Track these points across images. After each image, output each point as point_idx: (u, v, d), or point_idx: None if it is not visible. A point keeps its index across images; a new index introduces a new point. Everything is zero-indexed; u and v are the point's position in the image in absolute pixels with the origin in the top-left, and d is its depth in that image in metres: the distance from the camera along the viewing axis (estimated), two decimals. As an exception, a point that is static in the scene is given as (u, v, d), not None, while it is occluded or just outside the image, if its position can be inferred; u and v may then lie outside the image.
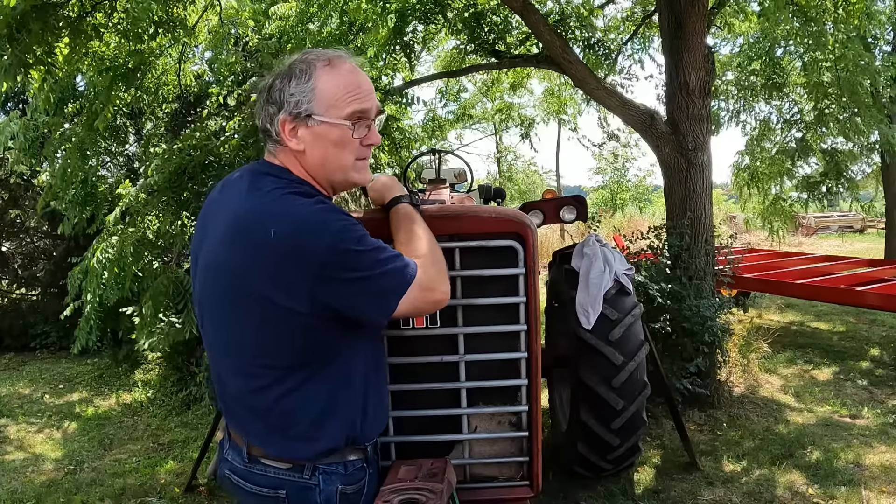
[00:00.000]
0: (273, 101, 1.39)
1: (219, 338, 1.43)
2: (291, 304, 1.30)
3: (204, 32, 5.66)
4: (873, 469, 3.61)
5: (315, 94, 1.37)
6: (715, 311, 4.28)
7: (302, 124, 1.38)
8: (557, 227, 13.59)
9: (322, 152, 1.40)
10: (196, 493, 3.70)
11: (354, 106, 1.39)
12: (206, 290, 1.42)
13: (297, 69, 1.39)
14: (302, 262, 1.28)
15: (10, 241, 8.01)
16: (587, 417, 3.05)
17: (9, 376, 6.50)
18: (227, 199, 1.42)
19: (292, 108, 1.37)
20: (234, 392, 1.44)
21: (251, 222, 1.32)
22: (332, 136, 1.39)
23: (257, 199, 1.35)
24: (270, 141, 1.43)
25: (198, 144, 4.47)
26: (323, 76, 1.38)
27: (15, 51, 3.34)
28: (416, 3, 5.59)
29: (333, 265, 1.29)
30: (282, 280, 1.29)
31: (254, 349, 1.37)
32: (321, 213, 1.32)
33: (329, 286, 1.29)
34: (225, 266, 1.35)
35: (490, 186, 4.18)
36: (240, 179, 1.44)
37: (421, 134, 10.20)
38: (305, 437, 1.40)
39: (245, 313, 1.34)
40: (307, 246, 1.27)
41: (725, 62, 8.60)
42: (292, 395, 1.37)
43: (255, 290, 1.31)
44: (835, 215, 18.23)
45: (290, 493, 1.42)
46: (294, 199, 1.33)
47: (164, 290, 4.41)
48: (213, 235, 1.41)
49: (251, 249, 1.30)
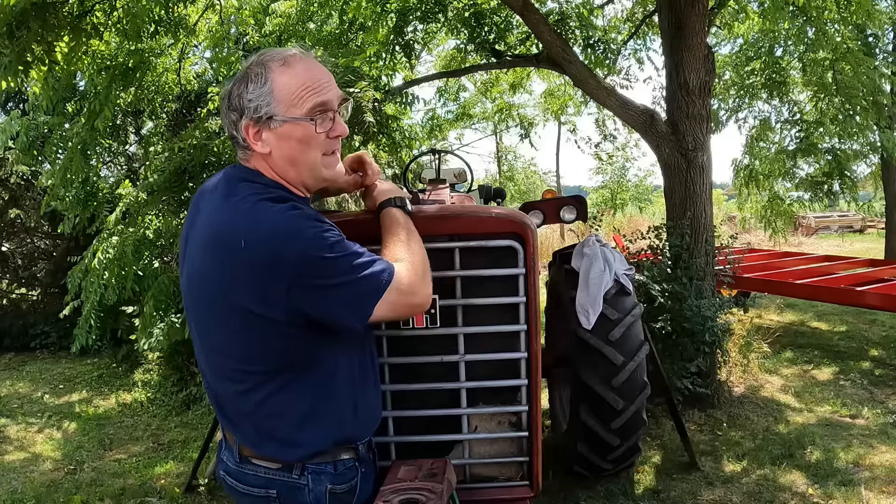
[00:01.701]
0: (234, 107, 1.39)
1: (203, 342, 1.45)
2: (268, 312, 1.30)
3: (204, 32, 5.66)
4: (873, 469, 3.61)
5: (273, 96, 1.37)
6: (715, 311, 4.28)
7: (265, 127, 1.38)
8: (557, 227, 13.60)
9: (288, 152, 1.40)
10: (196, 493, 3.70)
11: (313, 100, 1.38)
12: (190, 296, 1.44)
13: (252, 73, 1.38)
14: (275, 271, 1.28)
15: (10, 241, 8.01)
16: (587, 417, 3.05)
17: (9, 376, 6.50)
18: (206, 206, 1.43)
19: (252, 112, 1.37)
20: (222, 393, 1.45)
21: (224, 233, 1.33)
22: (297, 134, 1.39)
23: (231, 208, 1.35)
24: (239, 148, 1.44)
25: (198, 144, 4.47)
26: (278, 77, 1.37)
27: (15, 48, 3.34)
28: (416, 3, 5.59)
29: (306, 273, 1.29)
30: (257, 289, 1.29)
31: (235, 354, 1.38)
32: (293, 221, 1.31)
33: (303, 293, 1.29)
34: (205, 276, 1.37)
35: (490, 186, 4.18)
36: (216, 185, 1.45)
37: (421, 134, 10.19)
38: (290, 439, 1.40)
39: (225, 320, 1.35)
40: (280, 254, 1.27)
41: (727, 61, 8.59)
42: (274, 398, 1.38)
43: (232, 299, 1.32)
44: (835, 215, 18.21)
45: (280, 493, 1.43)
46: (267, 207, 1.32)
47: (164, 290, 4.42)
48: (193, 244, 1.42)
49: (226, 260, 1.31)
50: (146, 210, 4.54)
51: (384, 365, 2.03)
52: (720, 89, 8.63)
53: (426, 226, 1.94)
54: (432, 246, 1.94)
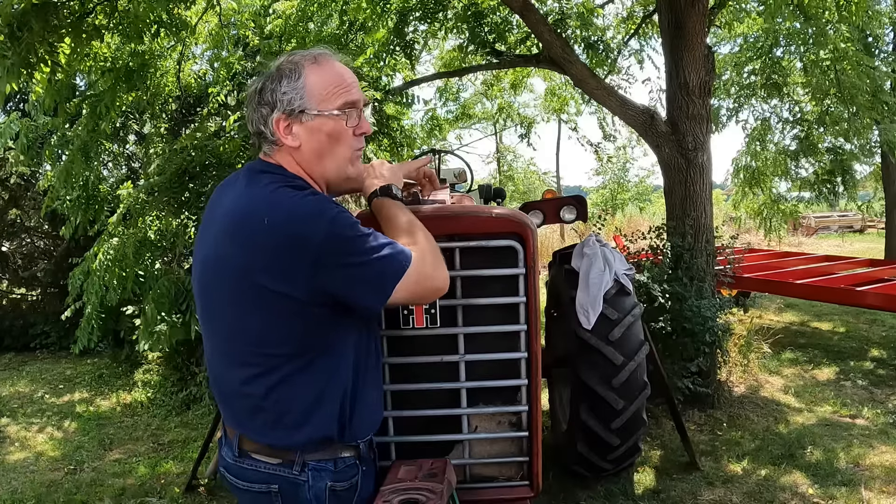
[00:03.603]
0: (265, 102, 1.44)
1: (218, 329, 1.46)
2: (289, 291, 1.33)
3: (204, 34, 5.66)
4: (873, 469, 3.61)
5: (306, 91, 1.42)
6: (715, 311, 4.29)
7: (296, 121, 1.43)
8: (557, 227, 13.59)
9: (318, 145, 1.45)
10: (196, 493, 3.71)
11: (344, 97, 1.45)
12: (204, 282, 1.46)
13: (285, 70, 1.44)
14: (298, 250, 1.31)
15: (10, 241, 8.02)
16: (587, 417, 3.06)
17: (9, 376, 6.50)
18: (225, 197, 1.47)
19: (285, 106, 1.42)
20: (229, 383, 1.46)
21: (246, 214, 1.37)
22: (327, 128, 1.44)
23: (252, 193, 1.40)
24: (266, 143, 1.48)
25: (198, 144, 4.47)
26: (311, 73, 1.43)
27: (16, 50, 3.34)
28: (416, 3, 5.59)
29: (329, 251, 1.32)
30: (279, 268, 1.32)
31: (250, 337, 1.39)
32: (314, 203, 1.36)
33: (326, 272, 1.32)
34: (224, 259, 1.39)
35: (490, 186, 4.17)
36: (237, 178, 1.50)
37: (421, 134, 10.20)
38: (297, 424, 1.41)
39: (243, 302, 1.37)
40: (302, 234, 1.31)
41: (728, 61, 8.59)
42: (284, 384, 1.39)
43: (253, 280, 1.34)
44: (835, 215, 18.20)
45: (282, 488, 1.44)
46: (287, 191, 1.37)
47: (165, 293, 4.42)
48: (211, 231, 1.45)
49: (248, 241, 1.34)
50: (147, 211, 4.54)
51: (384, 365, 2.03)
52: (721, 90, 8.63)
53: (426, 226, 1.95)
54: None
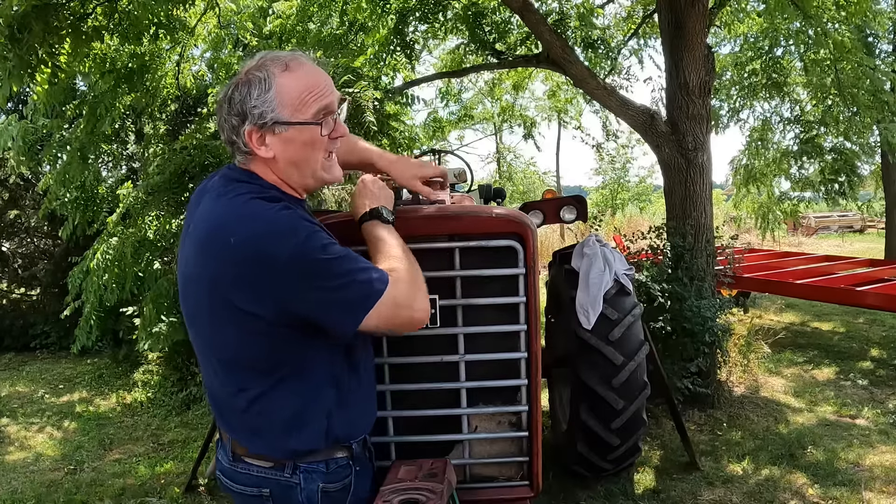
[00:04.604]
0: (236, 112, 1.37)
1: (197, 340, 1.46)
2: (256, 310, 1.30)
3: (203, 35, 5.66)
4: (873, 469, 3.61)
5: (277, 102, 1.35)
6: (715, 311, 4.28)
7: (269, 132, 1.37)
8: (557, 227, 13.59)
9: (292, 155, 1.40)
10: (196, 493, 3.70)
11: (318, 103, 1.39)
12: (186, 291, 1.44)
13: (255, 78, 1.36)
14: (265, 268, 1.27)
15: (10, 241, 8.02)
16: (587, 417, 3.05)
17: (9, 376, 6.50)
18: (202, 204, 1.44)
19: (257, 119, 1.36)
20: (217, 391, 1.46)
21: (216, 228, 1.33)
22: (303, 138, 1.39)
23: (222, 207, 1.36)
24: (239, 153, 1.42)
25: (198, 145, 4.47)
26: (282, 81, 1.36)
27: (17, 52, 3.34)
28: (416, 3, 5.59)
29: (297, 272, 1.28)
30: (246, 286, 1.29)
31: (225, 352, 1.38)
32: (285, 220, 1.31)
33: (293, 293, 1.29)
34: (197, 275, 1.37)
35: (490, 186, 4.17)
36: (213, 184, 1.45)
37: (421, 134, 10.19)
38: (279, 439, 1.41)
39: (215, 320, 1.35)
40: (270, 252, 1.27)
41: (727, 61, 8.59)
42: (263, 398, 1.38)
43: (224, 296, 1.31)
44: (835, 215, 18.20)
45: (273, 492, 1.43)
46: (258, 205, 1.33)
47: (164, 293, 4.42)
48: (189, 238, 1.43)
49: (217, 256, 1.31)
50: (146, 211, 4.54)
51: (384, 365, 2.03)
52: (721, 91, 8.62)
53: (426, 226, 1.95)
54: (432, 246, 1.95)
